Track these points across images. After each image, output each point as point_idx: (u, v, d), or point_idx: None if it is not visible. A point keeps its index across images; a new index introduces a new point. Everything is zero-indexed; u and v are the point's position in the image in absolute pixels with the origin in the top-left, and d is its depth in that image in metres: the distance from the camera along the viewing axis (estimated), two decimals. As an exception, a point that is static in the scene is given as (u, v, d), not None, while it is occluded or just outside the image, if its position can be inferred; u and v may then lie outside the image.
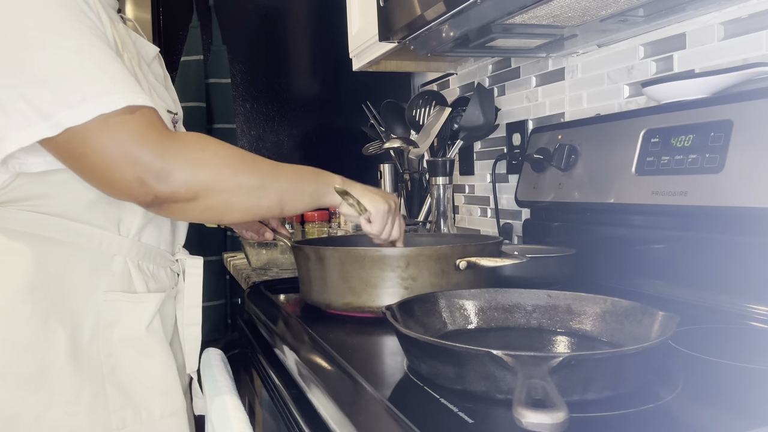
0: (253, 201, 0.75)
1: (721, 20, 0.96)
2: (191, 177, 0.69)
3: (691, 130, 0.90)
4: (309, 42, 2.05)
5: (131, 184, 0.67)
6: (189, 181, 0.69)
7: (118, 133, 0.66)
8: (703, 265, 0.88)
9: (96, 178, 0.69)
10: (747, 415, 0.51)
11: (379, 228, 0.89)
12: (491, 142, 1.63)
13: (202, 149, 0.72)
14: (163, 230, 0.87)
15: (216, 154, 0.72)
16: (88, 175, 0.69)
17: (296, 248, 0.96)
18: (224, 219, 0.76)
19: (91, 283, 0.77)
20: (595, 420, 0.49)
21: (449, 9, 0.97)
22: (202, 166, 0.71)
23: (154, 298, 0.82)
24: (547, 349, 0.67)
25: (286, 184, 0.78)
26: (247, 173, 0.74)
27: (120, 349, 0.78)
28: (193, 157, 0.70)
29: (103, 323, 0.77)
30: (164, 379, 0.82)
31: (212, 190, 0.71)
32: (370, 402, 0.55)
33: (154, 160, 0.67)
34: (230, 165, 0.73)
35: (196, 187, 0.70)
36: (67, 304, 0.74)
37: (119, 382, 0.77)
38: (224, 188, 0.72)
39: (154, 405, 0.80)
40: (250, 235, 1.24)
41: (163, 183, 0.68)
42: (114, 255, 0.79)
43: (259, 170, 0.76)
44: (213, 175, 0.71)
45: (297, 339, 0.80)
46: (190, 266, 0.91)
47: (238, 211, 0.75)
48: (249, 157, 0.76)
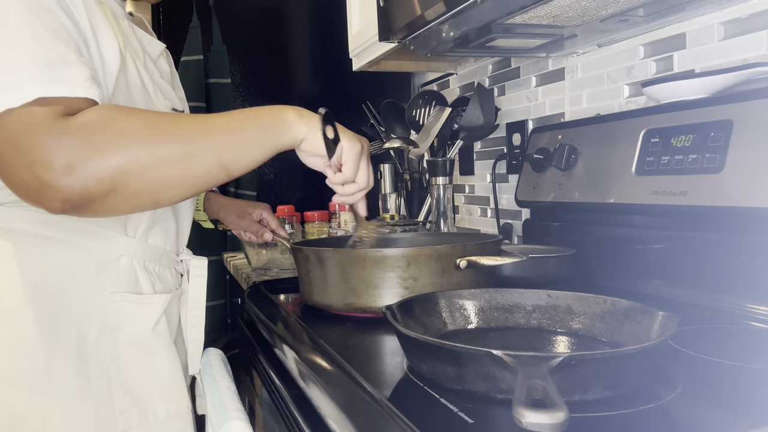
0: (185, 170, 0.63)
1: (721, 20, 0.96)
2: (99, 165, 0.59)
3: (691, 130, 0.90)
4: (309, 42, 2.05)
5: (33, 190, 0.59)
6: (98, 172, 0.58)
7: (13, 130, 0.58)
8: (703, 265, 0.88)
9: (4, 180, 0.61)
10: (747, 415, 0.51)
11: (351, 171, 0.75)
12: (491, 142, 1.63)
13: (105, 127, 0.60)
14: (170, 231, 0.87)
15: (123, 130, 0.61)
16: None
17: (296, 249, 0.96)
18: (161, 201, 0.65)
19: (97, 283, 0.76)
20: (595, 420, 0.49)
21: (449, 9, 0.97)
22: (110, 148, 0.59)
23: (161, 299, 0.82)
24: (547, 349, 0.67)
25: (220, 140, 0.65)
26: (165, 142, 0.62)
27: (126, 350, 0.78)
28: (96, 141, 0.59)
29: (109, 324, 0.77)
30: (170, 380, 0.82)
31: (130, 173, 0.60)
32: (370, 402, 0.55)
33: (52, 157, 0.57)
34: (142, 138, 0.61)
35: (109, 175, 0.59)
36: (73, 305, 0.74)
37: (125, 383, 0.77)
38: (143, 167, 0.61)
39: (160, 406, 0.80)
40: (249, 237, 1.24)
41: (67, 182, 0.58)
42: (120, 255, 0.79)
43: (180, 134, 0.63)
44: (125, 155, 0.60)
45: (297, 339, 0.80)
46: (194, 267, 0.91)
47: (172, 187, 0.63)
48: (165, 122, 0.64)
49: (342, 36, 1.66)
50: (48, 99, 0.59)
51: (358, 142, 0.75)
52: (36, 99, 0.59)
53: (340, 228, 1.64)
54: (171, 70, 0.96)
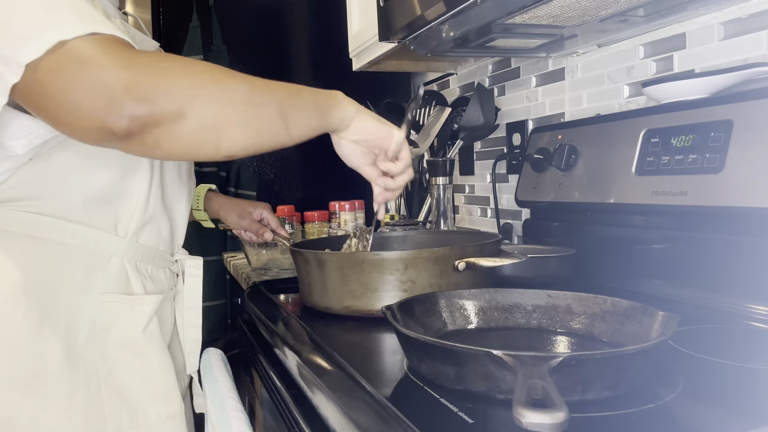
0: (251, 111, 0.62)
1: (721, 20, 0.96)
2: (172, 86, 0.58)
3: (691, 130, 0.90)
4: (309, 42, 2.05)
5: (97, 108, 0.55)
6: (170, 92, 0.57)
7: (76, 51, 0.56)
8: (703, 265, 0.88)
9: (57, 111, 0.58)
10: (747, 415, 0.51)
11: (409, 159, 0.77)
12: (491, 142, 1.63)
13: (175, 59, 0.61)
14: (162, 231, 0.86)
15: (193, 63, 0.62)
16: (51, 112, 0.59)
17: (295, 252, 0.95)
18: (224, 141, 0.62)
19: (87, 284, 0.76)
20: (595, 420, 0.49)
21: (449, 9, 0.97)
22: (182, 73, 0.59)
23: (151, 300, 0.81)
24: (547, 349, 0.67)
25: (283, 92, 0.66)
26: (232, 78, 0.63)
27: (116, 351, 0.77)
28: (168, 66, 0.59)
29: (99, 325, 0.76)
30: (161, 381, 0.81)
31: (199, 98, 0.59)
32: (370, 402, 0.55)
33: (122, 73, 0.55)
34: (212, 72, 0.61)
35: (179, 96, 0.57)
36: (62, 306, 0.74)
37: (115, 385, 0.76)
38: (213, 96, 0.60)
39: (151, 408, 0.79)
40: (249, 236, 1.24)
41: (136, 98, 0.56)
42: (111, 256, 0.78)
43: (244, 78, 0.64)
44: (196, 81, 0.59)
45: (297, 339, 0.80)
46: (189, 266, 0.90)
47: (236, 125, 0.62)
48: (226, 68, 0.64)
49: (342, 36, 1.66)
50: (98, 35, 0.58)
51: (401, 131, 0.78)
52: (90, 33, 0.57)
53: (340, 228, 1.64)
54: None
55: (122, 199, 0.79)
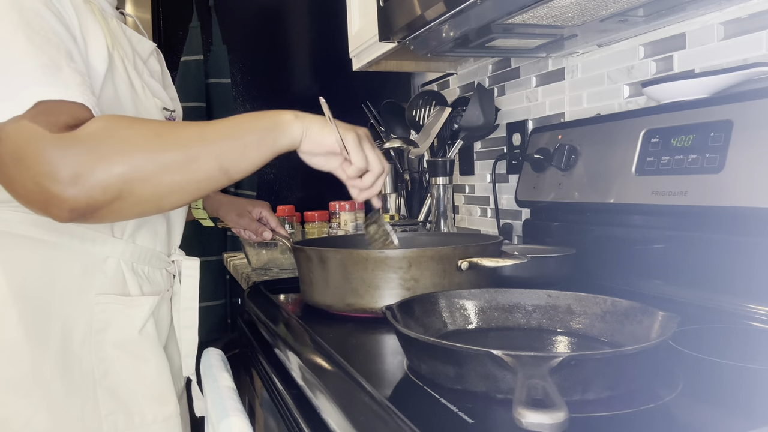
0: (188, 176, 0.64)
1: (721, 20, 0.96)
2: (104, 175, 0.60)
3: (691, 130, 0.90)
4: (309, 42, 2.05)
5: (39, 200, 0.60)
6: (103, 180, 0.60)
7: (18, 142, 0.59)
8: (703, 265, 0.88)
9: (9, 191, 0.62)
10: (747, 415, 0.51)
11: (359, 157, 0.74)
12: (491, 142, 1.63)
13: (108, 137, 0.62)
14: (159, 232, 0.86)
15: (126, 138, 0.63)
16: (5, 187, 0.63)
17: (297, 249, 0.95)
18: (165, 205, 0.67)
19: (83, 285, 0.76)
20: (595, 420, 0.49)
21: (449, 9, 0.97)
22: (114, 157, 0.61)
23: (148, 302, 0.81)
24: (547, 349, 0.67)
25: (220, 145, 0.66)
26: (167, 148, 0.64)
27: (112, 353, 0.77)
28: (101, 151, 0.60)
29: (95, 327, 0.76)
30: (157, 383, 0.81)
31: (134, 180, 0.61)
32: (370, 402, 0.55)
33: (57, 168, 0.58)
34: (145, 146, 0.63)
35: (114, 183, 0.60)
36: (58, 307, 0.73)
37: (111, 386, 0.76)
38: (147, 174, 0.62)
39: (147, 410, 0.79)
40: (248, 235, 1.24)
41: (74, 192, 0.59)
42: (107, 257, 0.78)
43: (180, 141, 0.65)
44: (129, 164, 0.61)
45: (297, 339, 0.80)
46: (186, 267, 0.90)
47: (175, 193, 0.65)
48: (166, 130, 0.65)
49: (342, 36, 1.66)
50: (48, 103, 0.60)
51: (352, 130, 0.75)
52: (37, 103, 0.60)
53: (340, 228, 1.64)
54: (162, 69, 0.95)
55: None
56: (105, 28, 0.75)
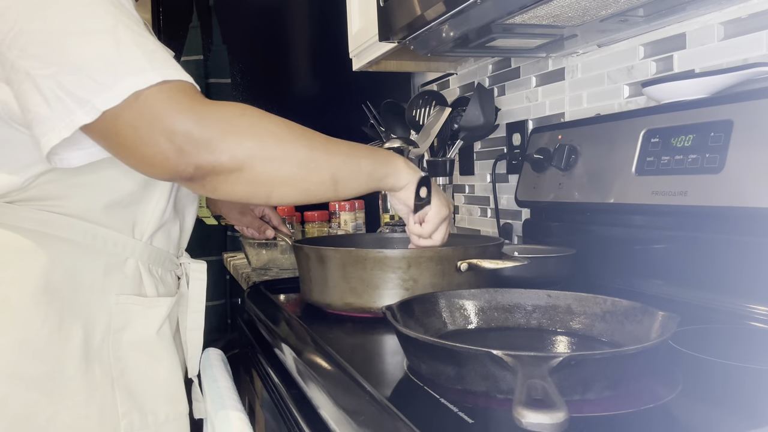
0: (304, 174, 0.68)
1: (721, 20, 0.96)
2: (235, 144, 0.64)
3: (691, 130, 0.90)
4: (309, 42, 2.05)
5: (168, 156, 0.62)
6: (232, 149, 0.64)
7: (151, 104, 0.62)
8: (703, 265, 0.88)
9: (132, 156, 0.64)
10: (747, 415, 0.51)
11: (429, 231, 0.83)
12: (491, 142, 1.63)
13: (243, 115, 0.66)
14: (172, 234, 0.87)
15: (260, 121, 0.67)
16: (125, 155, 0.65)
17: (297, 248, 0.96)
18: (274, 195, 0.69)
19: (104, 285, 0.76)
20: (595, 420, 0.49)
21: (449, 9, 0.97)
22: (246, 132, 0.65)
23: (166, 302, 0.82)
24: (547, 349, 0.67)
25: (339, 159, 0.71)
26: (295, 142, 0.68)
27: (129, 352, 0.78)
28: (235, 123, 0.65)
29: (114, 326, 0.77)
30: (170, 383, 0.82)
31: (258, 158, 0.65)
32: (370, 402, 0.55)
33: (192, 128, 0.62)
34: (275, 133, 0.67)
35: (241, 154, 0.64)
36: (81, 306, 0.74)
37: (127, 385, 0.77)
38: (271, 156, 0.66)
39: (160, 409, 0.80)
40: (251, 233, 1.24)
41: (203, 151, 0.62)
42: (127, 258, 0.79)
43: (308, 140, 0.70)
44: (258, 142, 0.66)
45: (297, 339, 0.80)
46: (194, 270, 0.91)
47: (288, 185, 0.68)
48: (297, 126, 0.70)
49: (342, 36, 1.66)
50: (169, 82, 0.63)
51: (446, 207, 0.84)
52: (161, 82, 0.62)
53: (340, 228, 1.64)
54: None
55: (142, 203, 0.80)
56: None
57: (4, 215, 0.72)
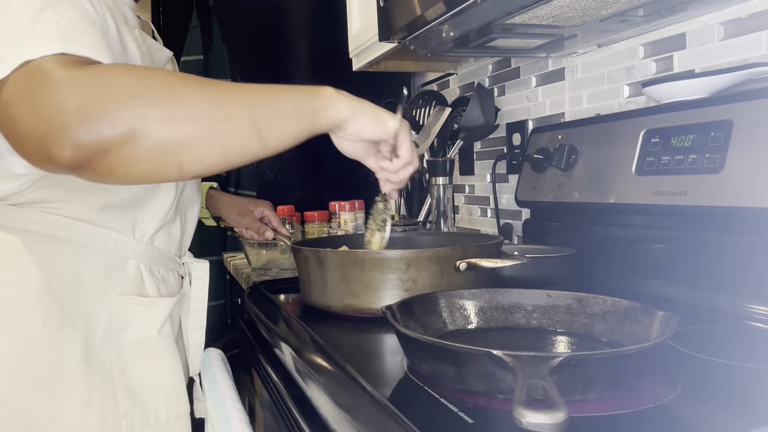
0: (214, 127, 0.56)
1: (721, 20, 0.96)
2: (117, 108, 0.52)
3: (691, 130, 0.90)
4: (309, 42, 2.05)
5: (39, 136, 0.51)
6: (115, 115, 0.51)
7: (32, 76, 0.52)
8: (703, 265, 0.88)
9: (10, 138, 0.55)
10: (747, 415, 0.51)
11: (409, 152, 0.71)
12: (491, 142, 1.63)
13: (125, 72, 0.55)
14: (174, 234, 0.88)
15: (145, 76, 0.56)
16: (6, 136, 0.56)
17: (296, 250, 0.96)
18: (186, 163, 0.56)
19: (105, 286, 0.77)
20: (595, 420, 0.49)
21: (449, 9, 0.97)
22: (129, 90, 0.53)
23: (167, 303, 0.83)
24: (547, 349, 0.67)
25: (253, 98, 0.60)
26: (192, 90, 0.56)
27: (130, 352, 0.78)
28: (114, 84, 0.53)
29: (115, 326, 0.77)
30: (172, 382, 0.83)
31: (150, 119, 0.53)
32: (370, 402, 0.55)
33: (63, 99, 0.51)
34: (166, 85, 0.55)
35: (127, 119, 0.52)
36: (81, 307, 0.74)
37: (129, 385, 0.77)
38: (167, 114, 0.54)
39: (161, 408, 0.80)
40: (250, 234, 1.24)
41: (79, 125, 0.51)
42: (128, 258, 0.79)
43: (209, 86, 0.57)
44: (146, 98, 0.53)
45: (297, 339, 0.80)
46: (196, 270, 0.92)
47: (198, 145, 0.55)
48: (192, 76, 0.58)
49: (342, 36, 1.66)
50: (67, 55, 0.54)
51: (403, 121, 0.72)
52: (59, 53, 0.54)
53: (340, 228, 1.64)
54: None
55: (143, 206, 0.80)
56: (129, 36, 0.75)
57: (4, 217, 0.72)
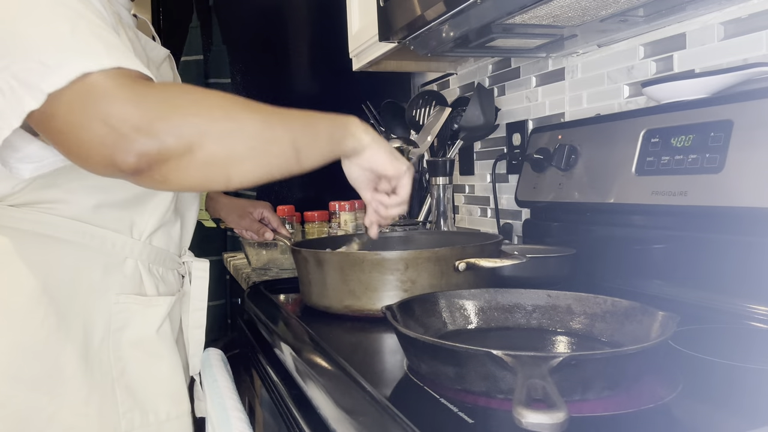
0: (263, 146, 0.62)
1: (721, 20, 0.96)
2: (180, 123, 0.57)
3: (691, 130, 0.90)
4: (309, 42, 2.05)
5: (106, 145, 0.55)
6: (178, 128, 0.57)
7: (95, 87, 0.56)
8: (703, 265, 0.88)
9: (67, 144, 0.58)
10: (747, 415, 0.51)
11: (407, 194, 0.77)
12: (491, 142, 1.63)
13: (186, 92, 0.61)
14: (173, 233, 0.88)
15: (205, 96, 0.61)
16: (61, 143, 0.59)
17: (295, 251, 0.96)
18: (234, 176, 0.61)
19: (103, 285, 0.77)
20: (595, 420, 0.49)
21: (449, 9, 0.97)
22: (191, 109, 0.59)
23: (165, 302, 0.83)
24: (547, 349, 0.67)
25: (297, 125, 0.65)
26: (246, 112, 0.62)
27: (129, 351, 0.78)
28: (178, 101, 0.59)
29: (113, 326, 0.77)
30: (171, 381, 0.83)
31: (209, 134, 0.58)
32: (370, 402, 0.55)
33: (131, 111, 0.55)
34: (224, 106, 0.61)
35: (188, 133, 0.57)
36: (80, 307, 0.75)
37: (128, 384, 0.78)
38: (223, 131, 0.59)
39: (161, 407, 0.81)
40: (250, 235, 1.24)
41: (145, 135, 0.55)
42: (126, 258, 0.79)
43: (260, 110, 0.63)
44: (206, 117, 0.59)
45: (297, 339, 0.80)
46: (196, 269, 0.92)
47: (247, 161, 0.61)
48: (244, 99, 0.64)
49: (342, 36, 1.66)
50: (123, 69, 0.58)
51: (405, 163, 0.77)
52: (116, 68, 0.57)
53: (340, 228, 1.64)
54: (174, 74, 0.96)
55: (140, 205, 0.80)
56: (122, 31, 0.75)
57: (1, 218, 0.72)
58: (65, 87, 0.55)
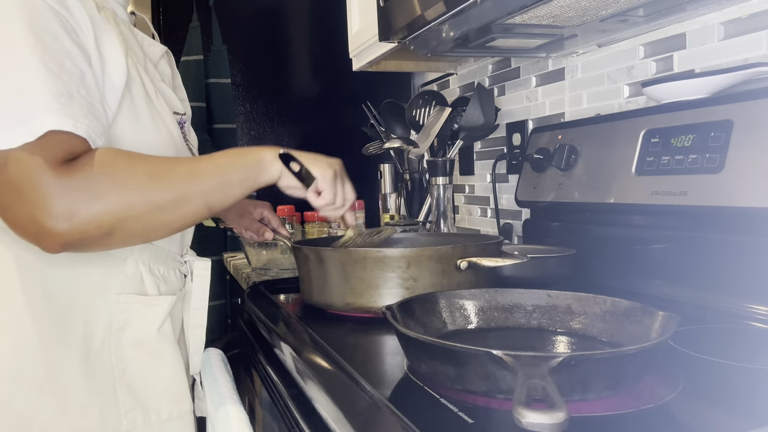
0: (177, 215, 0.69)
1: (721, 20, 0.96)
2: (99, 212, 0.63)
3: (691, 130, 0.90)
4: (309, 42, 2.05)
5: (30, 230, 0.62)
6: (97, 217, 0.63)
7: (17, 172, 0.61)
8: (703, 265, 0.88)
9: (4, 217, 0.64)
10: (747, 415, 0.51)
11: (330, 196, 0.81)
12: (491, 142, 1.63)
13: (105, 175, 0.64)
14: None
15: (122, 179, 0.66)
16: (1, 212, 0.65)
17: (296, 249, 0.96)
18: (150, 239, 0.74)
19: (104, 285, 0.77)
20: (595, 420, 0.49)
21: (449, 9, 0.97)
22: (109, 196, 0.64)
23: (166, 301, 0.82)
24: (547, 349, 0.67)
25: (209, 184, 0.71)
26: (160, 189, 0.67)
27: (130, 351, 0.78)
28: (97, 189, 0.63)
29: (114, 326, 0.77)
30: (173, 381, 0.83)
31: (127, 219, 0.65)
32: (370, 402, 0.55)
33: (53, 204, 0.61)
34: (140, 186, 0.66)
35: (108, 221, 0.63)
36: (80, 307, 0.75)
37: (129, 384, 0.78)
38: (140, 213, 0.66)
39: (163, 407, 0.81)
40: (250, 236, 1.23)
41: (67, 227, 0.61)
42: (126, 257, 0.79)
43: (173, 181, 0.69)
44: (123, 203, 0.65)
45: (297, 339, 0.80)
46: (198, 268, 0.92)
47: (164, 228, 0.70)
48: (161, 169, 0.69)
49: (342, 36, 1.66)
50: (55, 134, 0.62)
51: (330, 167, 0.80)
52: (47, 132, 0.61)
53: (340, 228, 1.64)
54: (172, 71, 0.96)
55: None
56: (119, 37, 0.75)
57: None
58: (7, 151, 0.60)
